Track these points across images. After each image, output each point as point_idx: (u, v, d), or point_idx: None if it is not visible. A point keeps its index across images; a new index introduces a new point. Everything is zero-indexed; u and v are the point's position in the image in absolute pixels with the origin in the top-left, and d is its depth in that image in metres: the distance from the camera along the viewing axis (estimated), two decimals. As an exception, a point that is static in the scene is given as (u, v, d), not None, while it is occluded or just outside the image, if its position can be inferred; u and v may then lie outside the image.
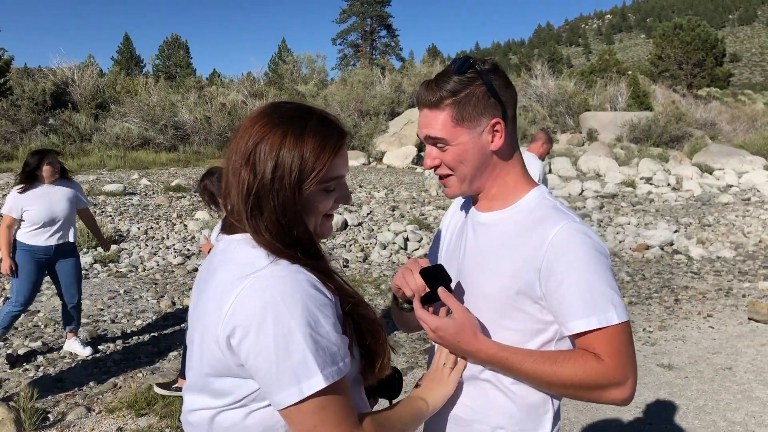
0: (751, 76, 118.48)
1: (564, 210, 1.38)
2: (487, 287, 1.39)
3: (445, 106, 1.36)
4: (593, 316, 1.27)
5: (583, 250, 1.29)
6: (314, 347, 1.05)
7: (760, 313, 5.94)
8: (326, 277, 1.16)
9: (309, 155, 1.15)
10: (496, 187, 1.44)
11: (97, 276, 6.97)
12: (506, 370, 1.34)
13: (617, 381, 1.28)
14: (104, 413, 3.89)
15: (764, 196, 14.09)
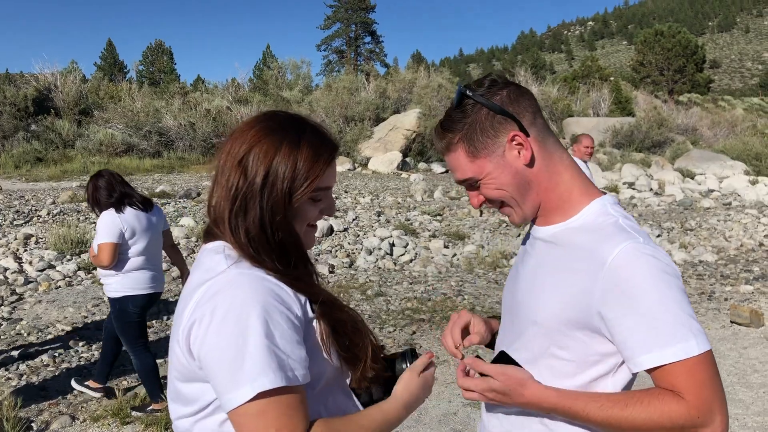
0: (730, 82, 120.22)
1: (627, 227, 1.23)
2: (537, 313, 1.28)
3: (455, 146, 1.30)
4: (668, 348, 1.12)
5: (650, 273, 1.15)
6: (263, 352, 1.03)
7: (742, 317, 6.02)
8: (296, 281, 1.16)
9: (302, 165, 1.16)
10: (550, 199, 1.32)
11: (81, 283, 6.91)
12: (570, 417, 1.22)
13: (702, 421, 1.12)
14: (89, 422, 3.86)
15: (745, 200, 14.28)
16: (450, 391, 4.46)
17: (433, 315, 6.25)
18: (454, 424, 3.94)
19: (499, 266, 8.41)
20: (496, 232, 10.15)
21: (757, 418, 4.05)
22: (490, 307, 6.56)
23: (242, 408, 1.03)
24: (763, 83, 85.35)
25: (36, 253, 7.76)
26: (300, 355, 1.08)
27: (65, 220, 9.53)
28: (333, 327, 1.18)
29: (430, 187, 13.86)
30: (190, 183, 13.75)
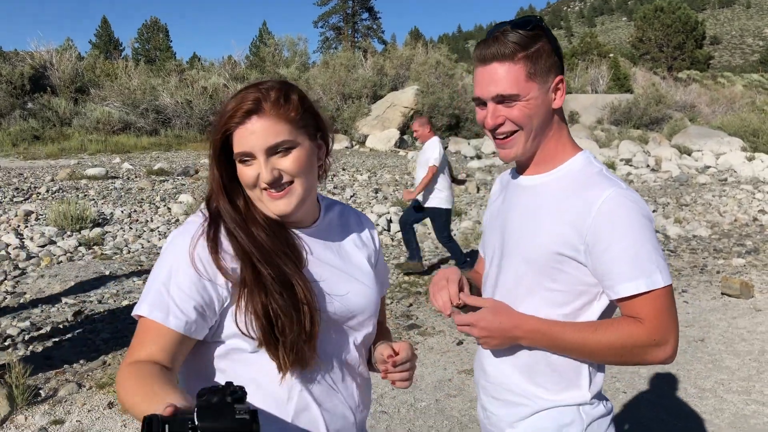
0: (730, 59, 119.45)
1: (610, 176, 1.39)
2: (529, 250, 1.41)
3: (519, 59, 1.34)
4: (640, 279, 1.29)
5: (632, 216, 1.31)
6: (157, 288, 1.19)
7: (733, 288, 6.14)
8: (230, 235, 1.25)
9: (217, 117, 1.27)
10: (549, 148, 1.43)
11: (82, 258, 7.00)
12: (549, 341, 1.37)
13: (658, 341, 1.30)
14: (95, 389, 3.97)
15: (740, 176, 14.37)
16: (445, 359, 4.58)
17: (429, 288, 6.35)
18: (448, 390, 4.06)
19: (495, 241, 8.51)
20: (493, 207, 10.24)
21: (741, 383, 4.17)
22: (485, 280, 6.67)
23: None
24: (763, 59, 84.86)
25: (37, 229, 7.84)
26: (183, 306, 1.18)
27: (64, 197, 9.58)
28: (269, 303, 1.22)
29: (427, 164, 13.91)
30: (188, 161, 13.79)
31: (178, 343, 1.17)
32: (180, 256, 1.21)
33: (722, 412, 3.76)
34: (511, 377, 1.46)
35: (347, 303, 1.33)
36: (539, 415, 1.43)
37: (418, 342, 4.90)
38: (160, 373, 1.10)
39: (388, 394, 3.98)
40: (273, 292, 1.21)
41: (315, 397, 1.29)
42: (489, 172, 13.85)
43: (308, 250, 1.32)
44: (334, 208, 1.46)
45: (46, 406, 3.74)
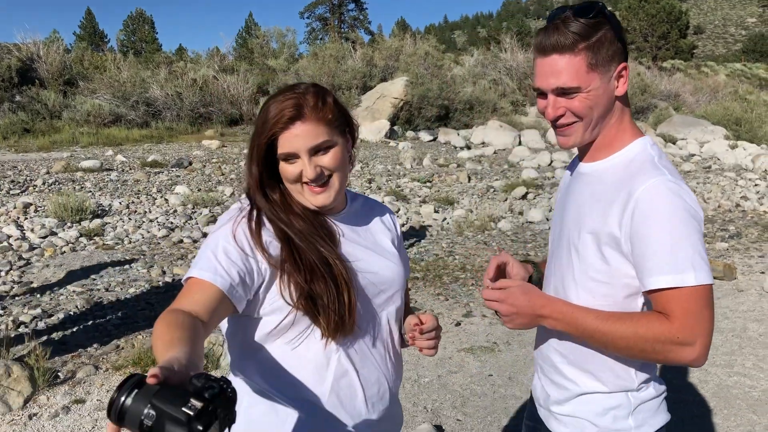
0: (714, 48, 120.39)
1: (660, 165, 1.34)
2: (576, 239, 1.41)
3: (579, 50, 1.32)
4: (669, 275, 1.25)
5: (670, 209, 1.26)
6: (207, 256, 1.32)
7: (717, 270, 6.39)
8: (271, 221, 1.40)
9: (263, 128, 1.38)
10: (609, 135, 1.41)
11: (85, 249, 7.13)
12: (571, 325, 1.37)
13: (682, 341, 1.25)
14: (111, 371, 4.15)
15: (724, 164, 14.69)
16: (445, 339, 4.79)
17: (426, 273, 6.56)
18: (449, 367, 4.28)
19: (487, 229, 8.72)
20: (484, 197, 10.46)
21: (724, 357, 4.43)
22: (479, 265, 6.88)
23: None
24: (746, 49, 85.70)
25: (37, 221, 7.95)
26: (229, 269, 1.30)
27: (61, 189, 9.68)
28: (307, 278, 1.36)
29: (419, 155, 14.10)
30: (181, 152, 13.88)
31: (218, 302, 1.27)
32: (224, 234, 1.36)
33: (707, 383, 4.01)
34: (562, 362, 1.49)
35: (378, 278, 1.47)
36: (586, 397, 1.46)
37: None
38: (189, 324, 1.16)
39: (392, 371, 4.19)
40: (313, 269, 1.35)
41: (354, 364, 1.42)
42: (479, 162, 14.06)
43: (341, 233, 1.46)
44: (358, 198, 1.61)
45: (66, 387, 3.91)
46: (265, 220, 1.41)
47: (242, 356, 1.43)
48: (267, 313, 1.38)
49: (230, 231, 1.36)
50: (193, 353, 1.02)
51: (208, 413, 0.82)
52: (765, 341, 4.74)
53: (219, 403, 0.84)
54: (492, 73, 23.15)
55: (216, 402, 0.83)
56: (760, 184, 12.10)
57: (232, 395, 0.88)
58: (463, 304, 5.65)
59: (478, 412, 3.64)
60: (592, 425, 1.45)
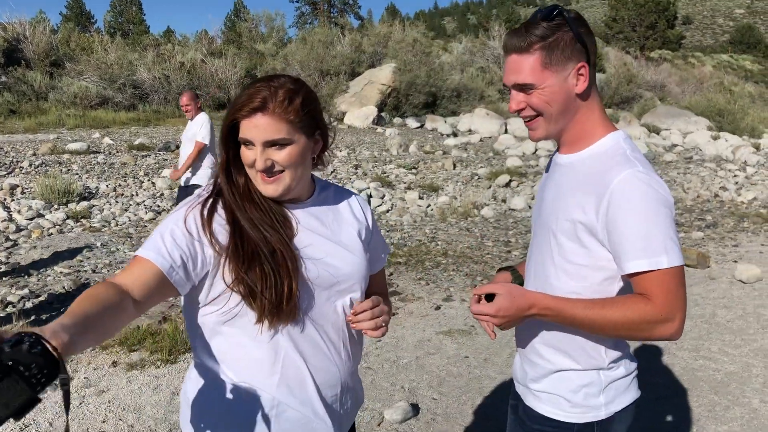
0: (702, 39, 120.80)
1: (632, 158, 1.44)
2: (557, 227, 1.51)
3: (534, 50, 1.44)
4: (645, 259, 1.36)
5: (642, 198, 1.37)
6: (155, 237, 1.36)
7: (690, 258, 6.59)
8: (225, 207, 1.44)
9: (231, 105, 1.42)
10: (577, 129, 1.52)
11: (72, 231, 7.20)
12: (560, 317, 1.45)
13: (664, 318, 1.38)
14: (98, 350, 4.25)
15: (705, 155, 14.92)
16: (424, 322, 4.94)
17: (409, 259, 6.70)
18: (427, 349, 4.42)
19: (471, 215, 8.87)
20: (468, 184, 10.60)
21: (692, 342, 4.61)
22: (461, 251, 7.03)
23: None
24: (733, 40, 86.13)
25: (24, 203, 8.00)
26: (172, 251, 1.34)
27: (48, 171, 9.71)
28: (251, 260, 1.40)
29: (405, 142, 14.20)
30: (168, 136, 13.89)
31: (157, 281, 1.30)
32: (176, 218, 1.40)
33: (674, 366, 4.19)
34: (539, 342, 1.60)
35: (333, 269, 1.48)
36: (560, 375, 1.56)
37: (399, 307, 5.25)
38: (103, 298, 1.19)
39: (372, 352, 4.33)
40: (253, 257, 1.38)
41: (301, 354, 1.45)
42: (465, 149, 14.19)
43: (298, 221, 1.48)
44: (329, 188, 1.62)
45: (55, 365, 4.01)
46: (219, 207, 1.44)
47: (200, 344, 1.48)
48: (214, 300, 1.41)
49: (182, 215, 1.40)
50: (72, 324, 1.04)
51: (4, 366, 0.85)
52: (732, 327, 4.93)
53: (17, 357, 0.86)
54: (480, 61, 23.24)
55: (14, 355, 0.86)
56: (739, 175, 12.34)
57: (36, 351, 0.88)
58: (444, 288, 5.80)
59: (454, 391, 3.79)
60: (566, 401, 1.56)
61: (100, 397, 3.64)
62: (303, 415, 1.47)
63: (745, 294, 5.76)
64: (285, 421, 1.46)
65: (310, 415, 1.48)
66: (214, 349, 1.47)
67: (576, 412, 1.55)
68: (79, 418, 3.41)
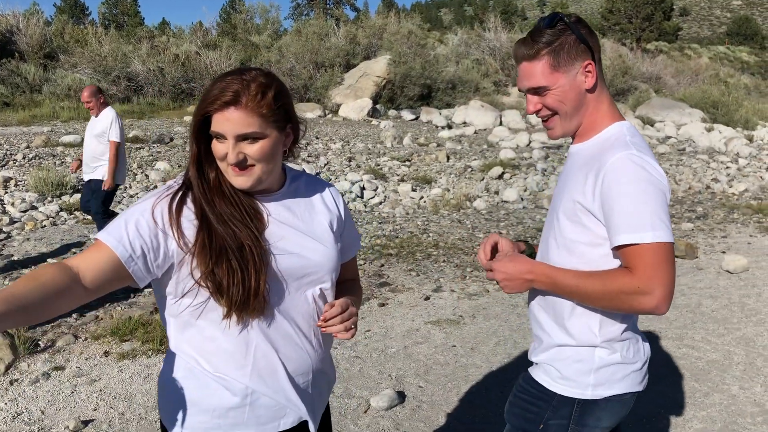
0: (699, 30, 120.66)
1: (630, 143, 1.54)
2: (561, 207, 1.63)
3: (542, 56, 1.57)
4: (629, 233, 1.44)
5: (633, 177, 1.46)
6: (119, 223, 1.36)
7: (678, 249, 6.65)
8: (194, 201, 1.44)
9: (202, 99, 1.41)
10: (588, 121, 1.63)
11: (65, 223, 7.24)
12: (554, 284, 1.57)
13: (643, 290, 1.44)
14: (90, 340, 4.31)
15: (698, 146, 14.98)
16: (413, 312, 5.00)
17: (400, 250, 6.76)
18: (415, 338, 4.49)
19: (463, 207, 8.93)
20: (461, 176, 10.64)
21: (676, 331, 4.68)
22: (452, 243, 7.09)
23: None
24: (730, 31, 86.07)
25: (17, 195, 8.03)
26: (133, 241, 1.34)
27: (41, 163, 9.73)
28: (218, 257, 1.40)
29: (399, 134, 14.23)
30: (162, 128, 13.90)
31: (113, 268, 1.30)
32: (143, 207, 1.40)
33: (657, 354, 4.25)
34: (544, 316, 1.70)
35: (304, 260, 1.50)
36: (559, 349, 1.65)
37: (389, 298, 5.31)
38: (45, 280, 1.19)
39: (361, 342, 4.40)
40: (221, 252, 1.39)
41: (272, 344, 1.47)
42: (459, 141, 14.23)
43: (269, 214, 1.49)
44: (300, 178, 1.62)
45: (47, 355, 4.06)
46: (189, 201, 1.44)
47: (174, 335, 1.49)
48: (184, 295, 1.43)
49: (150, 205, 1.40)
50: (18, 302, 1.10)
51: None
52: (716, 316, 5.00)
53: None
54: (475, 53, 23.22)
55: None
56: (731, 167, 12.41)
57: None
58: (434, 279, 5.86)
59: (440, 379, 3.86)
60: (557, 371, 1.64)
61: (91, 385, 3.70)
62: (276, 402, 1.51)
63: (732, 284, 5.83)
64: (259, 408, 1.50)
65: (284, 402, 1.52)
66: (187, 340, 1.49)
67: (562, 384, 1.63)
68: (70, 406, 3.46)
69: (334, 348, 4.27)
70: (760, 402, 3.60)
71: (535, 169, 11.14)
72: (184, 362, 1.50)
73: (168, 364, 1.55)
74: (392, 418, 3.38)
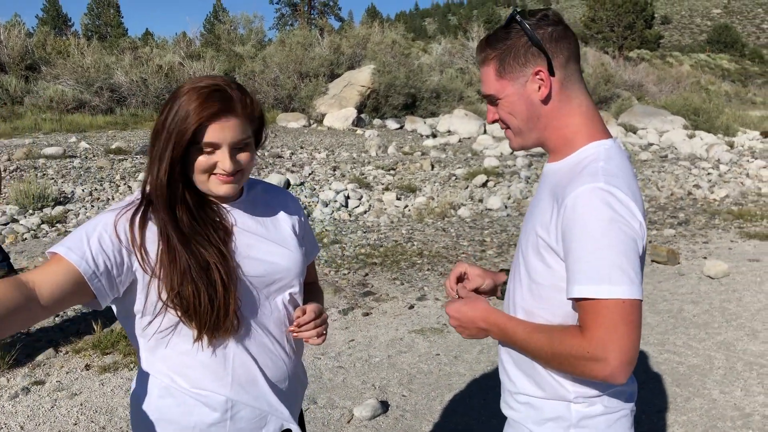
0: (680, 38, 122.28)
1: (600, 170, 1.28)
2: (525, 240, 1.42)
3: (489, 61, 1.39)
4: (583, 285, 1.21)
5: (594, 218, 1.22)
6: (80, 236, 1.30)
7: (660, 255, 6.72)
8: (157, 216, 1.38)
9: (191, 113, 1.34)
10: (557, 136, 1.40)
11: (47, 235, 7.17)
12: (505, 336, 1.39)
13: (594, 356, 1.20)
14: (71, 353, 4.26)
15: (680, 153, 15.15)
16: (398, 321, 5.00)
17: (384, 259, 6.76)
18: (399, 347, 4.49)
19: (447, 216, 8.96)
20: (446, 184, 10.68)
21: (658, 336, 4.72)
22: (436, 251, 7.11)
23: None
24: (710, 39, 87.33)
25: (-2, 208, 7.94)
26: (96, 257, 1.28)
27: (23, 176, 9.63)
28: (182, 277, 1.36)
29: (384, 143, 14.27)
30: (145, 139, 13.82)
31: (74, 285, 1.23)
32: (105, 221, 1.35)
33: (639, 359, 4.28)
34: (509, 361, 1.51)
35: (273, 267, 1.50)
36: (527, 400, 1.45)
37: (373, 307, 5.31)
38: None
39: (345, 351, 4.39)
40: (185, 273, 1.35)
41: (249, 353, 1.47)
42: (443, 150, 14.28)
43: (234, 222, 1.48)
44: (257, 186, 1.63)
45: (26, 369, 4.02)
46: (151, 218, 1.38)
47: (148, 355, 1.48)
48: (154, 316, 1.40)
49: (112, 220, 1.35)
50: None
51: None
52: (698, 321, 5.05)
53: None
54: (459, 62, 23.38)
55: None
56: (713, 173, 12.55)
57: None
58: (418, 288, 5.86)
59: (423, 388, 3.86)
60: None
61: (72, 399, 3.66)
62: (258, 409, 1.51)
63: (713, 289, 5.89)
64: (240, 420, 1.50)
65: (266, 408, 1.53)
66: (161, 359, 1.47)
67: None
68: (50, 421, 3.42)
69: (317, 358, 4.27)
70: (740, 406, 3.64)
71: (519, 177, 11.20)
72: (158, 381, 1.48)
73: (141, 384, 1.52)
74: (375, 428, 3.38)
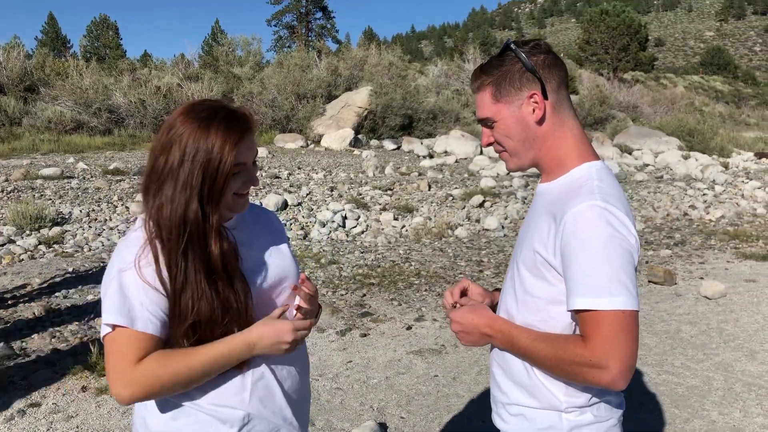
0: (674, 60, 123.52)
1: (596, 189, 1.37)
2: (522, 254, 1.49)
3: (485, 86, 1.48)
4: (585, 297, 1.30)
5: (594, 234, 1.30)
6: (112, 297, 1.38)
7: (657, 276, 6.73)
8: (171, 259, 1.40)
9: (213, 146, 1.37)
10: (550, 157, 1.48)
11: (44, 256, 7.16)
12: (509, 343, 1.45)
13: (596, 363, 1.29)
14: (68, 375, 4.24)
15: (675, 174, 15.23)
16: (395, 342, 4.99)
17: (382, 279, 6.76)
18: (397, 368, 4.47)
19: (445, 236, 8.98)
20: (443, 204, 10.71)
21: (656, 357, 4.71)
22: (434, 271, 7.11)
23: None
24: (704, 61, 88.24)
25: (-5, 229, 7.93)
26: (151, 313, 1.39)
27: (21, 196, 9.63)
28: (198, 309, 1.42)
29: (381, 163, 14.32)
30: (143, 160, 13.85)
31: (154, 346, 1.40)
32: (132, 276, 1.39)
33: (636, 381, 4.28)
34: (500, 373, 1.56)
35: (277, 273, 1.57)
36: (519, 410, 1.51)
37: (371, 328, 5.30)
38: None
39: (342, 373, 4.37)
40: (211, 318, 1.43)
41: (268, 365, 1.52)
42: (440, 170, 14.33)
43: (234, 239, 1.50)
44: None
45: (22, 391, 3.99)
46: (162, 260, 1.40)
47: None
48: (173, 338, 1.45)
49: (135, 273, 1.39)
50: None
51: None
52: (695, 342, 5.05)
53: None
54: (455, 84, 23.56)
55: None
56: (708, 194, 12.62)
57: None
58: (416, 308, 5.86)
59: (422, 410, 3.85)
60: None
61: (68, 422, 3.63)
62: (274, 423, 1.53)
63: (710, 310, 5.90)
64: None
65: (281, 422, 1.55)
66: None
67: None
68: (46, 444, 3.40)
69: (315, 379, 4.25)
70: (739, 427, 3.63)
71: (515, 197, 11.24)
72: (170, 401, 1.48)
73: (146, 405, 1.52)
74: (374, 450, 3.36)
